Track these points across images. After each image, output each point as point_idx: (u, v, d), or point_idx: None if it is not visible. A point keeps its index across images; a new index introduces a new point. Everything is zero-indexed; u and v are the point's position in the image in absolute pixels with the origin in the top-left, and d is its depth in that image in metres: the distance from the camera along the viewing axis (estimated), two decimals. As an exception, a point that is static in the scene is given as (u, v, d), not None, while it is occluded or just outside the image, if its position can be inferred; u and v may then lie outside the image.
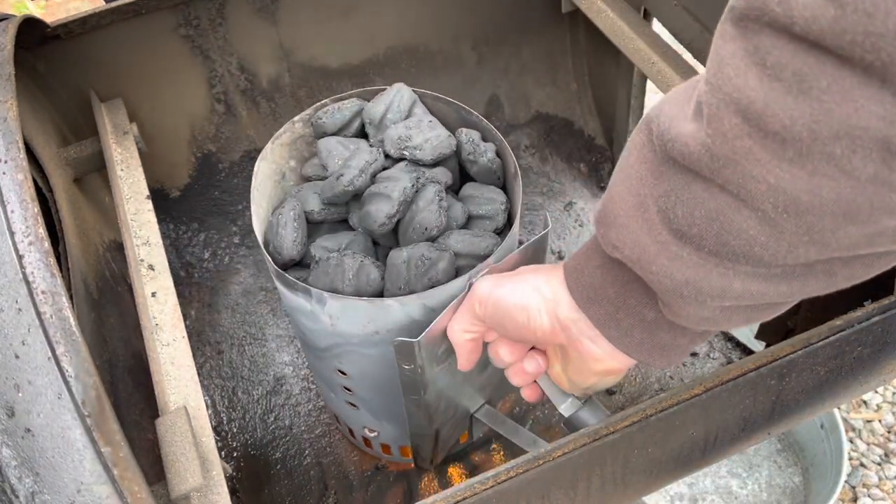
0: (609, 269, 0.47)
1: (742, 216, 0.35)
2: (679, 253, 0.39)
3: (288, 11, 1.01)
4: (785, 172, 0.32)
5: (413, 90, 0.74)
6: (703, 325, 0.44)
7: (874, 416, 1.43)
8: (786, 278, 0.38)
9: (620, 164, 0.43)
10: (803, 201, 0.33)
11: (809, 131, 0.31)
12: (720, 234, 0.37)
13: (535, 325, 0.51)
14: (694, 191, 0.37)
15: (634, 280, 0.46)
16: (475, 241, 0.63)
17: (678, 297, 0.42)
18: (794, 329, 0.90)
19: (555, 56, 1.19)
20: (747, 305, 0.41)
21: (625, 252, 0.43)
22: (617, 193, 0.43)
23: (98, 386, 0.46)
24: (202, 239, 1.11)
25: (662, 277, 0.41)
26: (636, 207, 0.41)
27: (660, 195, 0.39)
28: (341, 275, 0.62)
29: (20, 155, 0.54)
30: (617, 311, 0.47)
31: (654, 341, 0.48)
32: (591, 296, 0.48)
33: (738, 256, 0.37)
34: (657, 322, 0.47)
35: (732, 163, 0.34)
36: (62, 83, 0.92)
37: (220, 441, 0.93)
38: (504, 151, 0.69)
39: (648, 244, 0.41)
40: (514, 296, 0.52)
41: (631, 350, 0.48)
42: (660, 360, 0.49)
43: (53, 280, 0.48)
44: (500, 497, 0.54)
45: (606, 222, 0.44)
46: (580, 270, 0.49)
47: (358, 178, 0.65)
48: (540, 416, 0.94)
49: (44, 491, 0.45)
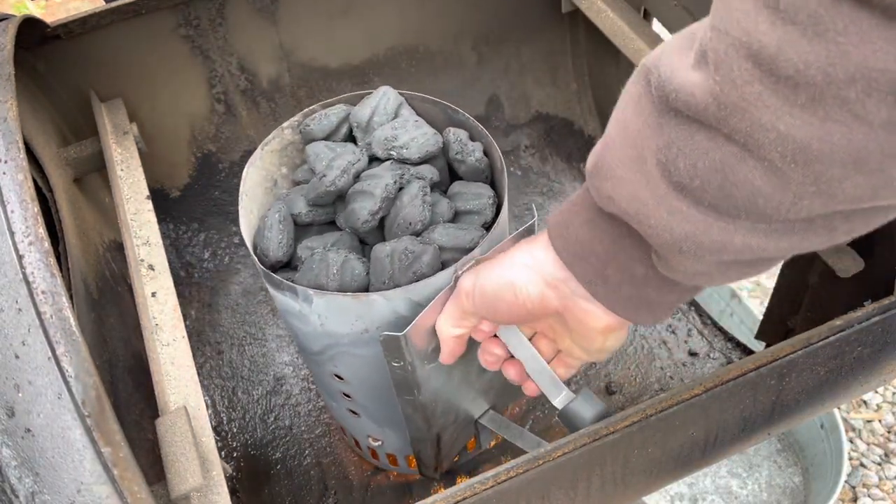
0: (598, 225, 0.46)
1: (747, 166, 0.35)
2: (679, 207, 0.39)
3: (288, 11, 1.01)
4: (796, 119, 0.32)
5: (399, 92, 0.74)
6: (697, 279, 0.43)
7: (874, 416, 1.43)
8: (786, 234, 0.37)
9: (616, 116, 0.42)
10: (813, 149, 0.32)
11: (824, 75, 0.30)
12: (723, 186, 0.36)
13: (523, 298, 0.51)
14: (697, 141, 0.36)
15: (626, 235, 0.45)
16: (460, 234, 0.64)
17: (676, 252, 0.41)
18: (794, 329, 0.91)
19: (555, 56, 1.19)
20: (744, 260, 0.40)
21: (621, 206, 0.42)
22: (613, 145, 0.42)
23: (98, 386, 0.46)
24: (202, 239, 1.11)
25: (661, 231, 0.40)
26: (634, 160, 0.40)
27: (659, 147, 0.38)
28: (325, 270, 0.62)
29: (20, 155, 0.54)
30: (605, 267, 0.47)
31: (641, 297, 0.47)
32: (577, 252, 0.47)
33: (740, 210, 0.37)
34: (647, 278, 0.46)
35: (741, 110, 0.33)
36: (62, 83, 0.92)
37: (220, 441, 0.93)
38: (490, 148, 0.69)
39: (647, 198, 0.40)
40: (496, 277, 0.52)
41: (617, 307, 0.48)
42: (646, 316, 0.48)
43: (53, 280, 0.48)
44: (500, 497, 0.54)
45: (601, 175, 0.43)
46: (566, 226, 0.48)
47: (340, 178, 0.65)
48: (540, 416, 0.94)
49: (44, 491, 0.45)
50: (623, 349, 0.99)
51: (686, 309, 1.04)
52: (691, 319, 1.03)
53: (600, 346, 0.53)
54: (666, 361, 0.98)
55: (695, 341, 1.01)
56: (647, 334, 1.01)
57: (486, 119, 1.20)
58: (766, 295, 1.62)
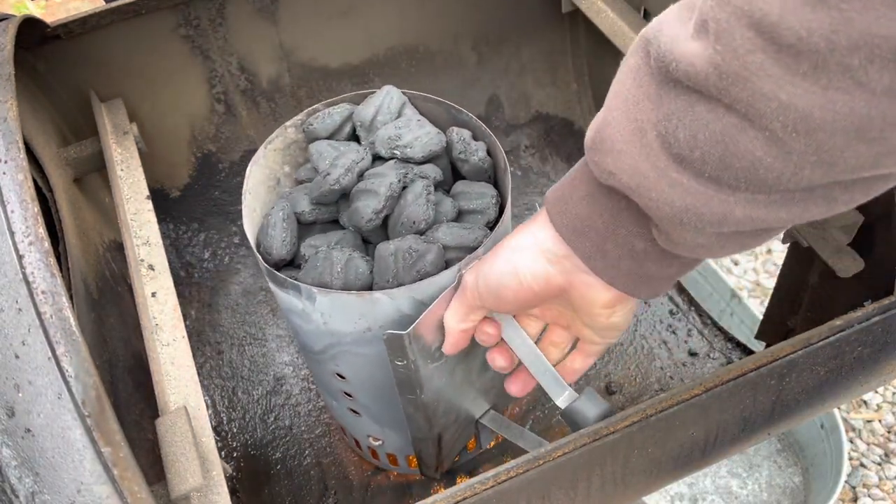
0: (597, 199, 0.46)
1: (748, 137, 0.35)
2: (679, 179, 0.39)
3: (288, 11, 1.01)
4: (797, 88, 0.32)
5: (403, 91, 0.74)
6: (697, 252, 0.43)
7: (874, 416, 1.43)
8: (786, 204, 0.37)
9: (615, 89, 0.42)
10: (815, 118, 0.32)
11: (827, 42, 0.30)
12: (724, 157, 0.36)
13: (528, 281, 0.50)
14: (697, 112, 0.36)
15: (625, 209, 0.45)
16: (464, 233, 0.64)
17: (677, 225, 0.41)
18: (794, 329, 0.91)
19: (555, 56, 1.19)
20: (744, 231, 0.40)
21: (622, 179, 0.42)
22: (613, 118, 0.41)
23: (98, 386, 0.46)
24: (202, 239, 1.11)
25: (662, 204, 0.40)
26: (634, 132, 0.40)
27: (659, 119, 0.38)
28: (329, 268, 0.62)
29: (20, 155, 0.54)
30: (604, 241, 0.46)
31: (641, 272, 0.47)
32: (577, 227, 0.47)
33: (740, 181, 0.37)
34: (647, 252, 0.46)
35: (742, 80, 0.33)
36: (62, 83, 0.92)
37: (220, 441, 0.93)
38: (494, 147, 0.69)
39: (647, 170, 0.40)
40: (498, 267, 0.52)
41: (616, 281, 0.48)
42: (646, 290, 0.48)
43: (53, 280, 0.48)
44: (500, 497, 0.54)
45: (601, 149, 0.42)
46: (564, 201, 0.48)
47: (344, 177, 0.65)
48: (540, 416, 0.94)
49: (44, 491, 0.45)
50: (623, 349, 0.99)
51: (686, 309, 1.04)
52: (691, 319, 1.03)
53: (606, 323, 0.53)
54: (666, 361, 0.98)
55: (695, 341, 1.01)
56: (647, 334, 1.01)
57: (487, 119, 1.20)
58: (766, 295, 1.62)
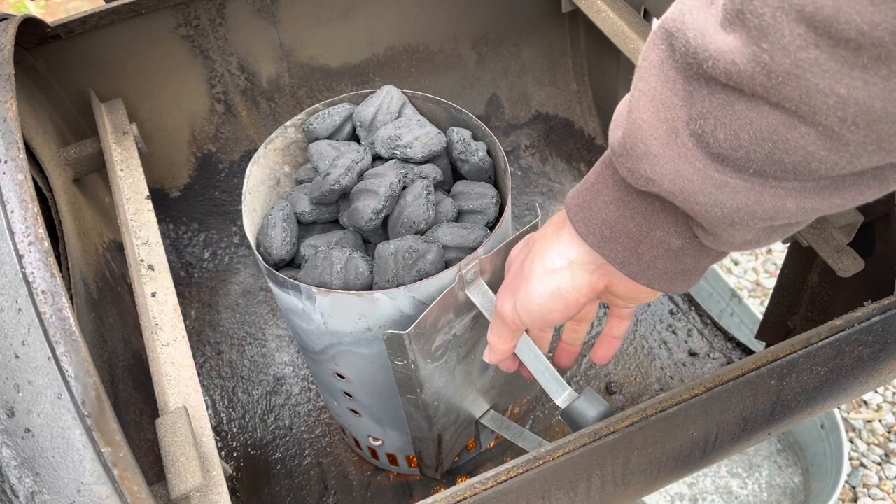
0: (628, 203, 0.44)
1: (798, 133, 0.34)
2: (723, 179, 0.37)
3: (288, 11, 1.01)
4: (857, 80, 0.31)
5: (403, 91, 0.74)
6: (744, 247, 0.42)
7: (874, 416, 1.43)
8: (838, 189, 0.36)
9: (639, 88, 0.39)
10: (876, 109, 0.31)
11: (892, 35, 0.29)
12: (772, 154, 0.35)
13: (574, 298, 0.49)
14: (738, 111, 0.35)
15: (660, 210, 0.43)
16: (464, 233, 0.64)
17: (728, 226, 0.39)
18: (794, 329, 0.91)
19: (555, 56, 1.19)
20: (794, 222, 0.39)
21: (663, 185, 0.39)
22: (643, 121, 0.38)
23: (98, 386, 0.46)
24: (202, 239, 1.11)
25: (711, 207, 0.38)
26: (667, 134, 0.38)
27: (692, 118, 0.36)
28: (329, 268, 0.62)
29: (20, 155, 0.54)
30: (638, 245, 0.45)
31: (677, 269, 0.45)
32: (605, 234, 0.45)
33: (789, 173, 0.35)
34: (683, 249, 0.44)
35: (794, 77, 0.32)
36: (62, 83, 0.92)
37: (220, 441, 0.93)
38: (494, 148, 0.69)
39: (690, 174, 0.38)
40: (536, 293, 0.50)
41: (653, 282, 0.46)
42: (681, 284, 0.46)
43: (53, 280, 0.48)
44: (500, 497, 0.54)
45: (634, 154, 0.40)
46: (588, 208, 0.46)
47: (344, 177, 0.65)
48: (540, 416, 0.94)
49: (44, 491, 0.45)
50: (623, 349, 0.99)
51: (686, 309, 1.04)
52: (691, 319, 1.03)
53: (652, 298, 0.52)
54: (666, 361, 0.98)
55: (695, 341, 1.01)
56: (647, 334, 1.01)
57: (487, 119, 1.20)
58: (766, 295, 1.62)
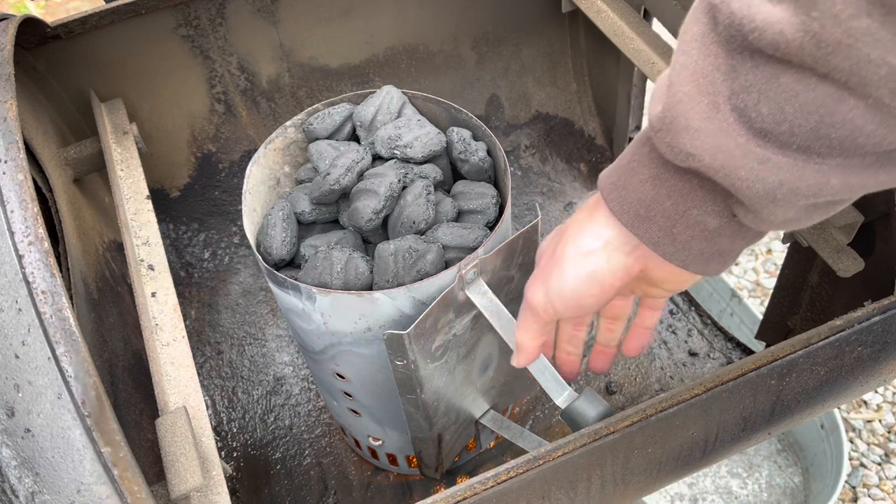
0: (664, 181, 0.43)
1: (847, 106, 0.33)
2: (765, 154, 0.36)
3: (288, 11, 1.01)
4: None
5: (403, 91, 0.74)
6: (785, 226, 0.41)
7: (874, 416, 1.43)
8: (884, 166, 0.36)
9: (680, 61, 0.38)
10: None
11: None
12: (817, 129, 0.34)
13: (610, 281, 0.48)
14: (783, 83, 0.34)
15: (698, 188, 0.42)
16: (464, 233, 0.64)
17: (769, 202, 0.38)
18: (794, 329, 0.90)
19: (555, 56, 1.19)
20: (837, 200, 0.38)
21: (704, 160, 0.38)
22: (683, 94, 0.38)
23: (98, 386, 0.46)
24: (202, 239, 1.11)
25: (753, 183, 0.37)
26: (710, 108, 0.37)
27: (734, 92, 0.36)
28: (329, 268, 0.62)
29: (20, 155, 0.54)
30: (673, 224, 0.43)
31: (713, 250, 0.44)
32: (640, 213, 0.44)
33: (833, 149, 0.35)
34: (720, 229, 0.43)
35: (845, 48, 0.31)
36: (62, 83, 0.92)
37: (220, 441, 0.93)
38: (494, 148, 0.69)
39: (732, 148, 0.37)
40: (570, 277, 0.48)
41: (688, 263, 0.45)
42: (716, 266, 0.45)
43: (53, 280, 0.48)
44: (500, 497, 0.54)
45: (674, 128, 0.39)
46: (622, 187, 0.45)
47: (344, 177, 0.65)
48: (540, 416, 0.94)
49: (44, 491, 0.45)
50: (623, 349, 0.99)
51: (686, 309, 1.04)
52: (691, 319, 1.03)
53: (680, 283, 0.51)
54: (666, 361, 0.98)
55: (695, 341, 1.01)
56: (647, 334, 1.01)
57: (487, 119, 1.20)
58: (766, 295, 1.62)
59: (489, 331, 0.68)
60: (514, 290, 0.67)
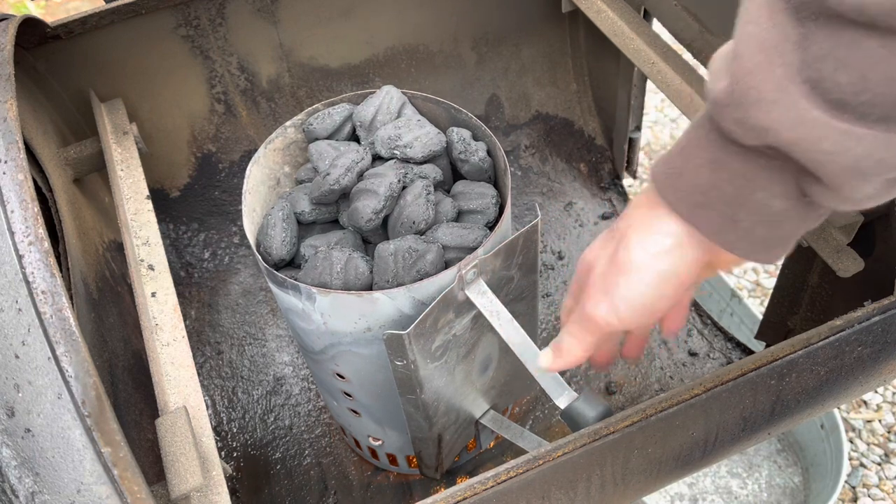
0: (723, 165, 0.40)
1: None
2: (842, 127, 0.34)
3: (288, 11, 1.01)
4: None
5: (403, 91, 0.74)
6: (864, 203, 0.39)
7: (874, 416, 1.43)
8: None
9: (746, 32, 0.36)
10: None
11: None
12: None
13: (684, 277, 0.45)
14: (867, 49, 0.32)
15: (765, 168, 0.39)
16: (464, 234, 0.64)
17: (853, 176, 0.36)
18: (794, 329, 0.90)
19: (555, 56, 1.19)
20: None
21: (781, 135, 0.36)
22: (754, 65, 0.36)
23: (98, 386, 0.46)
24: (202, 239, 1.11)
25: (837, 156, 0.35)
26: (784, 79, 0.35)
27: (806, 62, 0.34)
28: (329, 268, 0.62)
29: (20, 155, 0.54)
30: (736, 210, 0.41)
31: (776, 234, 0.42)
32: (699, 201, 0.42)
33: None
34: (786, 212, 0.41)
35: None
36: (62, 83, 0.92)
37: (220, 441, 0.93)
38: (494, 148, 0.69)
39: (811, 120, 0.35)
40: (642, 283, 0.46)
41: (750, 252, 0.43)
42: (776, 253, 0.43)
43: (53, 280, 0.48)
44: (500, 497, 0.53)
45: (745, 101, 0.37)
46: (677, 174, 0.42)
47: (344, 177, 0.65)
48: (540, 416, 0.94)
49: (44, 491, 0.45)
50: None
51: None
52: (691, 319, 1.03)
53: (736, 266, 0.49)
54: (666, 361, 0.98)
55: (695, 341, 1.00)
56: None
57: (486, 119, 1.20)
58: (766, 295, 1.62)
59: (489, 331, 0.68)
60: (514, 289, 0.67)
